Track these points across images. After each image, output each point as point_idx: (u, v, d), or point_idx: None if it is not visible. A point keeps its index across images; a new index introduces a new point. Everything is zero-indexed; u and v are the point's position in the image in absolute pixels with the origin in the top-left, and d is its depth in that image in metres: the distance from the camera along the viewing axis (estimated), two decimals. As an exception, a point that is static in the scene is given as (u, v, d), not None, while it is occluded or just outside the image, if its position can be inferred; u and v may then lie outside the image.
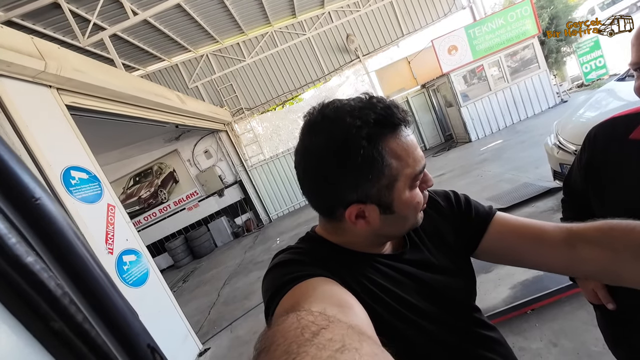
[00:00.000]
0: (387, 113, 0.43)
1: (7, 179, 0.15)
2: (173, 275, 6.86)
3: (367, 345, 0.23)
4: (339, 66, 8.65)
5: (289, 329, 0.24)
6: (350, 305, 0.36)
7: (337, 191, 0.45)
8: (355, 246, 0.51)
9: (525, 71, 7.16)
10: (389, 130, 0.43)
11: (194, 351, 2.94)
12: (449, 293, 0.53)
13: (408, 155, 0.44)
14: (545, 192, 3.10)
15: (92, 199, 2.55)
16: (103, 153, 6.15)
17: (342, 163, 0.42)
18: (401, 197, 0.45)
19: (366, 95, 0.46)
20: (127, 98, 3.59)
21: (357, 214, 0.46)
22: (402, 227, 0.49)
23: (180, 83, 8.42)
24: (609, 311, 0.77)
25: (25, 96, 2.31)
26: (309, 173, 0.47)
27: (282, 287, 0.42)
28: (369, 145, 0.42)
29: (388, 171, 0.43)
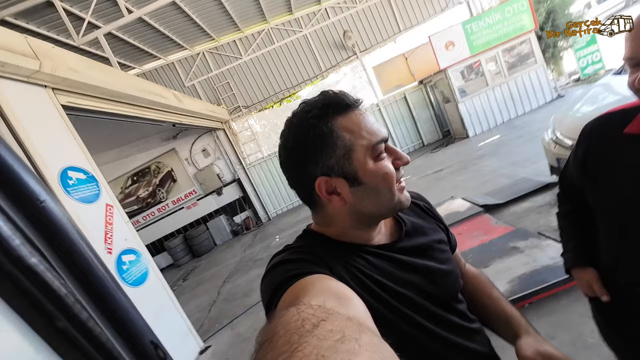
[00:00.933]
0: (335, 97, 0.50)
1: (14, 183, 0.15)
2: (173, 274, 6.87)
3: (367, 335, 0.23)
4: (336, 63, 8.62)
5: (290, 321, 0.25)
6: (348, 298, 0.37)
7: (306, 171, 0.51)
8: (348, 236, 0.54)
9: (522, 66, 7.16)
10: (338, 109, 0.50)
11: (195, 349, 2.95)
12: (440, 280, 0.56)
13: (360, 128, 0.49)
14: (542, 187, 3.12)
15: (90, 199, 2.54)
16: (100, 153, 6.13)
17: (302, 144, 0.50)
18: (365, 167, 0.49)
19: (322, 91, 0.52)
20: (123, 97, 3.56)
21: (327, 189, 0.50)
22: (377, 200, 0.51)
23: (176, 81, 8.37)
24: (603, 303, 0.79)
25: (20, 96, 2.29)
26: (286, 165, 0.53)
27: (282, 284, 0.43)
28: (319, 123, 0.48)
29: (341, 142, 0.48)
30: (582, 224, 0.85)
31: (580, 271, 0.83)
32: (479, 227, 2.86)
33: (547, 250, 2.08)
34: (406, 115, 8.60)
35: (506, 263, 2.14)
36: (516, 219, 2.81)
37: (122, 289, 0.20)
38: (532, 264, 2.01)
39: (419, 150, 8.56)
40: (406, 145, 8.74)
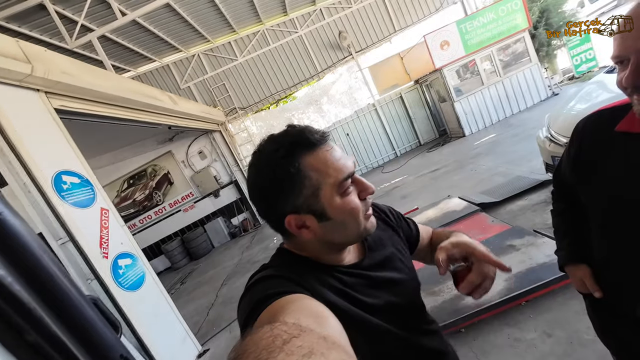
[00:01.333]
0: (301, 135, 0.51)
1: None
2: (170, 278, 6.83)
3: (336, 352, 0.24)
4: (332, 63, 8.63)
5: (261, 338, 0.25)
6: (324, 317, 0.38)
7: (276, 208, 0.52)
8: (320, 258, 0.56)
9: (516, 65, 7.21)
10: (305, 149, 0.51)
11: (193, 352, 2.94)
12: (403, 289, 0.61)
13: (327, 166, 0.51)
14: (538, 185, 3.14)
15: (84, 203, 2.52)
16: (95, 156, 6.08)
17: (271, 183, 0.51)
18: (332, 204, 0.51)
19: (289, 126, 0.54)
20: (117, 100, 3.54)
21: (297, 224, 0.52)
22: (345, 232, 0.53)
23: (172, 84, 8.33)
24: (597, 301, 0.79)
25: (12, 101, 2.26)
26: (254, 199, 0.55)
27: (261, 302, 0.43)
28: (286, 163, 0.49)
29: (308, 182, 0.50)
30: (576, 221, 0.85)
31: (573, 268, 0.83)
32: (476, 225, 2.87)
33: (543, 248, 2.09)
34: (402, 115, 8.63)
35: (503, 261, 2.13)
36: (512, 217, 2.82)
37: (90, 303, 0.20)
38: (528, 262, 2.02)
39: (415, 149, 8.58)
40: (403, 144, 8.76)
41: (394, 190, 5.56)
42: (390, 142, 8.71)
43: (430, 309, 0.79)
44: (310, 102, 8.93)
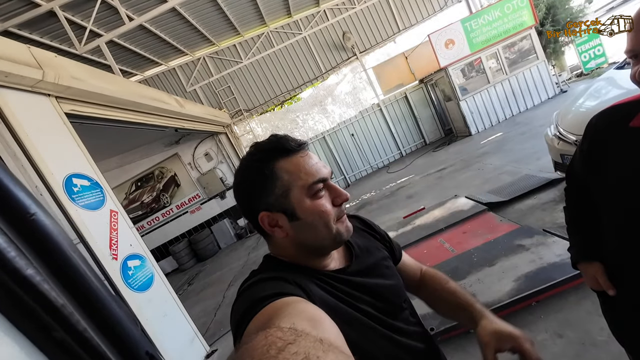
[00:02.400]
0: (278, 142, 0.56)
1: (3, 196, 0.16)
2: (178, 279, 6.89)
3: (333, 354, 0.24)
4: (336, 64, 8.63)
5: (256, 347, 0.25)
6: (320, 320, 0.38)
7: (251, 206, 0.57)
8: (300, 260, 0.59)
9: (523, 62, 7.12)
10: (280, 153, 0.56)
11: (201, 353, 2.96)
12: (389, 293, 0.63)
13: (299, 170, 0.55)
14: (547, 184, 3.09)
15: (94, 205, 2.56)
16: (104, 159, 6.18)
17: (247, 183, 0.57)
18: (302, 205, 0.54)
19: (271, 135, 0.59)
20: (125, 104, 3.59)
21: (270, 222, 0.56)
22: (314, 234, 0.56)
23: (178, 87, 8.43)
24: (611, 298, 0.78)
25: (24, 106, 2.32)
26: (237, 200, 0.60)
27: (255, 305, 0.44)
28: (262, 165, 0.55)
29: (280, 183, 0.54)
30: (588, 218, 0.84)
31: (586, 265, 0.82)
32: (483, 225, 2.84)
33: (553, 248, 2.06)
34: (407, 115, 8.59)
35: (512, 261, 2.12)
36: (521, 217, 2.79)
37: (117, 300, 0.20)
38: (538, 262, 1.99)
39: (421, 149, 8.53)
40: (408, 144, 8.72)
41: (399, 190, 5.53)
42: (395, 142, 8.67)
43: (439, 309, 0.79)
44: (314, 103, 8.94)
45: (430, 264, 2.59)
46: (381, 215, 4.60)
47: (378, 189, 6.37)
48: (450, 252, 2.66)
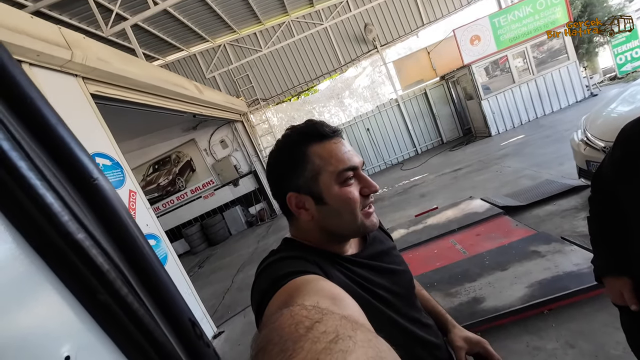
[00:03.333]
0: (314, 127, 0.58)
1: (69, 160, 0.16)
2: (189, 261, 7.11)
3: (361, 332, 0.24)
4: (356, 57, 8.50)
5: (284, 325, 0.25)
6: (341, 298, 0.38)
7: (281, 186, 0.58)
8: (322, 245, 0.60)
9: (552, 62, 6.81)
10: (315, 138, 0.57)
11: (209, 333, 3.06)
12: (401, 279, 0.65)
13: (331, 156, 0.56)
14: (568, 190, 2.98)
15: (115, 185, 2.65)
16: (125, 141, 6.36)
17: (280, 163, 0.58)
18: (330, 190, 0.55)
19: (308, 120, 0.60)
20: (147, 87, 3.67)
21: (297, 203, 0.57)
22: (339, 220, 0.57)
23: (198, 73, 8.53)
24: (633, 313, 0.75)
25: (53, 85, 2.41)
26: (269, 180, 0.62)
27: (277, 281, 0.45)
28: (296, 147, 0.57)
29: (311, 166, 0.56)
30: (616, 230, 0.80)
31: (612, 280, 0.79)
32: (498, 229, 2.78)
33: (571, 256, 1.99)
34: (426, 112, 8.40)
35: (526, 267, 2.07)
36: (538, 222, 2.71)
37: (164, 268, 0.21)
38: (553, 270, 1.94)
39: (437, 147, 8.36)
40: (424, 142, 8.56)
41: (412, 188, 5.46)
42: (411, 139, 8.53)
43: (446, 311, 0.78)
44: (331, 96, 8.86)
45: (440, 264, 2.57)
46: (392, 213, 4.57)
47: (391, 186, 6.31)
48: (462, 253, 2.62)
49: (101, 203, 0.17)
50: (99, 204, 0.17)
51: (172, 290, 0.21)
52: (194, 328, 0.23)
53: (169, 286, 0.21)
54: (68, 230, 0.17)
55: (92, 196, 0.17)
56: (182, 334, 0.22)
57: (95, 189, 0.17)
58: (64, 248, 0.17)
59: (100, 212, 0.17)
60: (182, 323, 0.22)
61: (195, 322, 0.23)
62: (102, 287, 0.18)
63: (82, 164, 0.17)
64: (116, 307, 0.18)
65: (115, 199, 0.18)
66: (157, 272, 0.20)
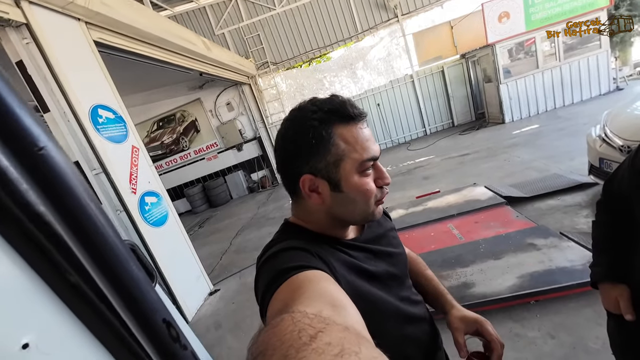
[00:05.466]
0: (341, 106, 0.52)
1: (8, 124, 0.13)
2: (190, 220, 7.28)
3: (366, 348, 0.23)
4: (374, 25, 8.00)
5: (285, 331, 0.24)
6: (344, 306, 0.37)
7: (295, 164, 0.54)
8: (325, 231, 0.59)
9: (582, 49, 6.39)
10: (341, 119, 0.52)
11: (206, 290, 3.21)
12: (397, 261, 0.65)
13: (357, 142, 0.52)
14: (575, 186, 2.93)
15: (118, 139, 2.63)
16: (129, 95, 6.22)
17: (299, 139, 0.53)
18: (349, 179, 0.53)
19: (332, 95, 0.55)
20: (153, 39, 3.51)
21: (310, 186, 0.54)
22: (352, 209, 0.55)
23: (206, 28, 8.12)
24: (622, 320, 0.75)
25: (54, 27, 2.29)
26: (279, 152, 0.57)
27: (278, 277, 0.44)
28: (320, 126, 0.51)
29: (335, 150, 0.51)
30: (621, 238, 0.78)
31: (609, 286, 0.78)
32: (498, 218, 2.77)
33: (567, 252, 2.00)
34: (440, 91, 8.09)
35: (519, 258, 2.09)
36: (539, 216, 2.69)
37: (131, 255, 0.19)
38: (547, 263, 1.95)
39: (447, 130, 8.15)
40: (435, 123, 8.33)
41: (416, 170, 5.41)
42: (421, 119, 8.30)
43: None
44: (344, 66, 8.46)
45: (435, 247, 2.60)
46: (394, 192, 4.56)
47: (395, 165, 6.25)
48: (458, 239, 2.64)
49: (49, 176, 0.14)
50: (46, 178, 0.14)
51: (142, 285, 0.19)
52: (170, 329, 0.21)
53: (138, 280, 0.18)
54: (28, 201, 0.14)
55: (38, 168, 0.14)
56: (154, 336, 0.20)
57: (41, 160, 0.14)
58: (25, 221, 0.14)
59: (49, 187, 0.14)
60: (154, 324, 0.20)
61: (171, 322, 0.22)
62: (71, 267, 0.15)
63: (25, 128, 0.14)
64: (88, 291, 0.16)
65: (69, 172, 0.15)
66: (123, 263, 0.17)
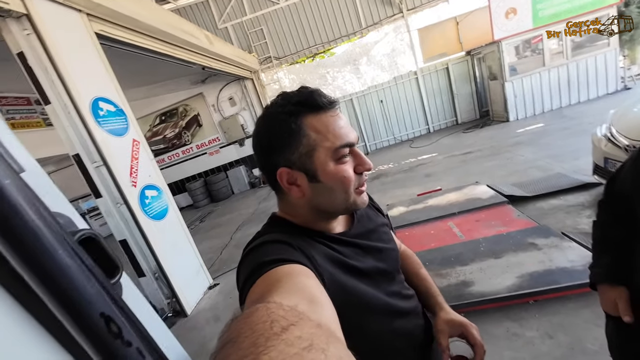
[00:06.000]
0: (309, 96, 0.52)
1: None
2: (191, 214, 7.31)
3: (334, 347, 0.23)
4: (379, 20, 7.91)
5: (258, 321, 0.24)
6: (320, 303, 0.37)
7: (271, 159, 0.54)
8: (311, 225, 0.58)
9: (590, 47, 6.28)
10: (310, 109, 0.52)
11: (205, 284, 3.22)
12: (387, 256, 0.64)
13: (328, 130, 0.52)
14: (579, 186, 2.89)
15: (118, 132, 2.63)
16: (130, 88, 6.22)
17: (271, 135, 0.53)
18: (325, 168, 0.52)
19: (301, 87, 0.55)
20: (155, 32, 3.49)
21: (288, 179, 0.54)
22: (332, 199, 0.55)
23: (209, 22, 8.07)
24: (620, 323, 0.73)
25: (55, 18, 2.28)
26: (255, 149, 0.57)
27: (258, 269, 0.44)
28: (290, 118, 0.51)
29: (306, 141, 0.51)
30: (621, 239, 0.76)
31: (608, 288, 0.76)
32: (499, 217, 2.75)
33: (568, 253, 1.98)
34: (444, 89, 8.00)
35: (519, 258, 2.07)
36: (541, 215, 2.67)
37: (64, 245, 0.17)
38: (547, 263, 1.94)
39: (450, 128, 8.09)
40: (438, 121, 8.26)
41: (418, 167, 5.38)
42: (425, 116, 8.23)
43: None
44: (348, 61, 8.39)
45: (435, 245, 2.59)
46: (395, 189, 4.54)
47: (397, 162, 6.22)
48: (458, 237, 2.62)
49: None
50: None
51: (74, 275, 0.17)
52: (109, 324, 0.20)
53: (68, 270, 0.17)
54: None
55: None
56: (88, 331, 0.19)
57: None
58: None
59: None
60: (87, 317, 0.19)
61: (111, 317, 0.20)
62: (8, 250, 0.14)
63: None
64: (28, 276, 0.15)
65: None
66: (49, 250, 0.16)
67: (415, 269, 0.79)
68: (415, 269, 0.79)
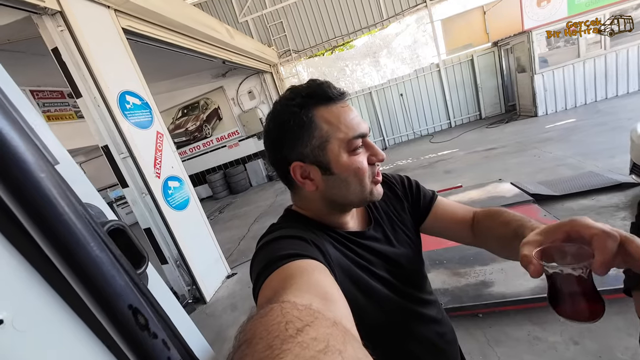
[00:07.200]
0: (319, 88, 0.52)
1: None
2: (211, 205, 7.53)
3: (351, 347, 0.23)
4: (401, 11, 7.68)
5: (273, 322, 0.24)
6: (334, 300, 0.36)
7: (283, 154, 0.54)
8: (324, 219, 0.58)
9: (632, 36, 5.80)
10: (320, 101, 0.52)
11: (223, 273, 3.32)
12: (405, 262, 0.62)
13: (340, 121, 0.51)
14: (613, 186, 2.71)
15: (144, 124, 2.73)
16: (154, 82, 6.42)
17: (281, 130, 0.53)
18: (338, 160, 0.52)
19: (310, 80, 0.54)
20: (178, 27, 3.57)
21: (302, 173, 0.53)
22: (346, 191, 0.54)
23: (230, 16, 8.15)
24: None
25: (86, 15, 2.37)
26: (266, 145, 0.57)
27: (272, 264, 0.43)
28: (300, 111, 0.51)
29: (318, 133, 0.51)
30: None
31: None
32: (523, 216, 2.63)
33: (598, 256, 1.87)
34: (468, 82, 7.70)
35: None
36: (569, 216, 2.48)
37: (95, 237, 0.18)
38: (575, 266, 1.84)
39: (474, 122, 7.79)
40: (460, 115, 7.98)
41: (438, 163, 5.24)
42: (446, 110, 7.97)
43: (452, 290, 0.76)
44: (367, 53, 8.24)
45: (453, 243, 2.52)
46: (413, 185, 4.45)
47: (416, 158, 6.08)
48: (478, 236, 2.54)
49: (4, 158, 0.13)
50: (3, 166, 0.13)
51: (105, 267, 0.18)
52: (137, 316, 0.21)
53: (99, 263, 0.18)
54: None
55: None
56: (117, 323, 0.20)
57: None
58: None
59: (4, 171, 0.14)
60: (117, 310, 0.19)
61: (139, 309, 0.21)
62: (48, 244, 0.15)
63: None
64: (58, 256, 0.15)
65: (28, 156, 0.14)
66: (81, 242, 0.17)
67: (495, 221, 0.59)
68: (495, 221, 0.59)
